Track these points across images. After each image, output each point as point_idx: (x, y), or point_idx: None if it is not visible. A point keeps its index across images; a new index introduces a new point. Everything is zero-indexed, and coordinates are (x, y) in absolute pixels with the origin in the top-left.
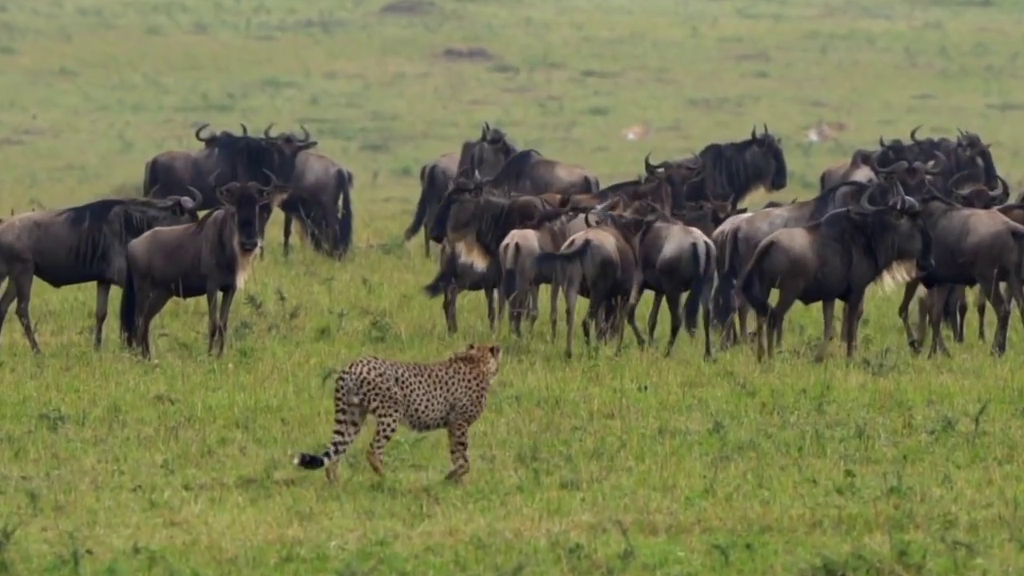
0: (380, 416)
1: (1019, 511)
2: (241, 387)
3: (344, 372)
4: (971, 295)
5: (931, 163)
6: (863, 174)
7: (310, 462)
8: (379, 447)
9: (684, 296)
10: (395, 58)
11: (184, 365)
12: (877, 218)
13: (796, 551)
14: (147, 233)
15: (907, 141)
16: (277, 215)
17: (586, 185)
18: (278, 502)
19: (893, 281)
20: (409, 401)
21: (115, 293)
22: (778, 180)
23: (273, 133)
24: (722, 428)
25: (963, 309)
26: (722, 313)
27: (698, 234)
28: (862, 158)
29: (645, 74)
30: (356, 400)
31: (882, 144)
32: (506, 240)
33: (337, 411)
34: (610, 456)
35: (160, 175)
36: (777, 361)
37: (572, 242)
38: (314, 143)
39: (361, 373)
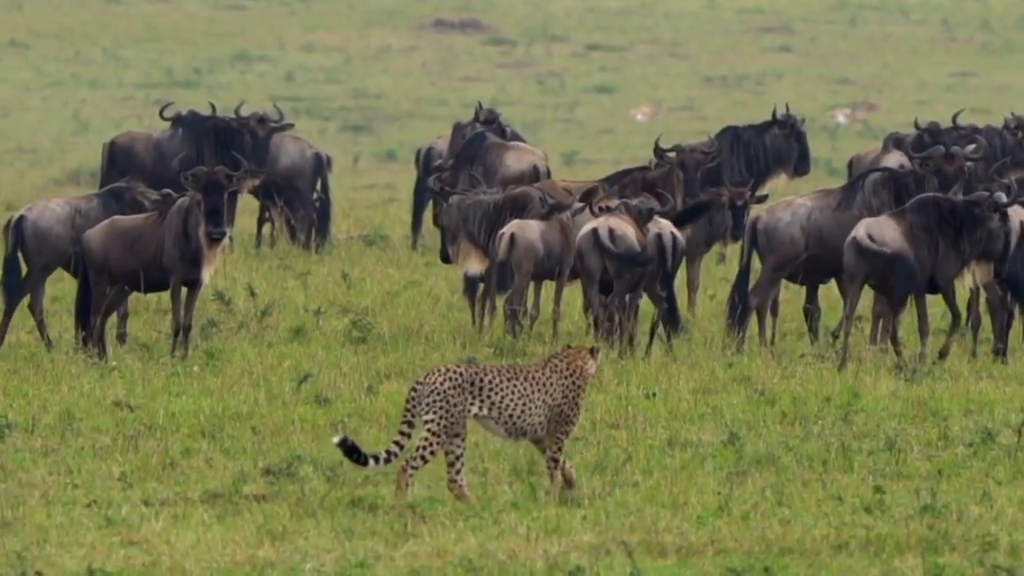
0: (428, 431)
1: None
2: (207, 392)
3: (419, 383)
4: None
5: (971, 148)
6: (895, 159)
7: (351, 450)
8: (414, 466)
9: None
10: (379, 30)
11: (145, 368)
12: (967, 209)
13: (819, 575)
14: (104, 222)
15: (945, 124)
16: (249, 203)
17: (535, 174)
18: (248, 519)
19: (971, 281)
20: (502, 407)
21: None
22: (801, 166)
23: (244, 112)
24: (738, 439)
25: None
26: (737, 312)
27: (665, 225)
28: (894, 142)
29: (656, 48)
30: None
31: (916, 127)
32: (503, 230)
33: (403, 422)
34: (615, 470)
35: (119, 158)
36: (799, 366)
37: (594, 231)
38: (290, 124)
39: (435, 383)
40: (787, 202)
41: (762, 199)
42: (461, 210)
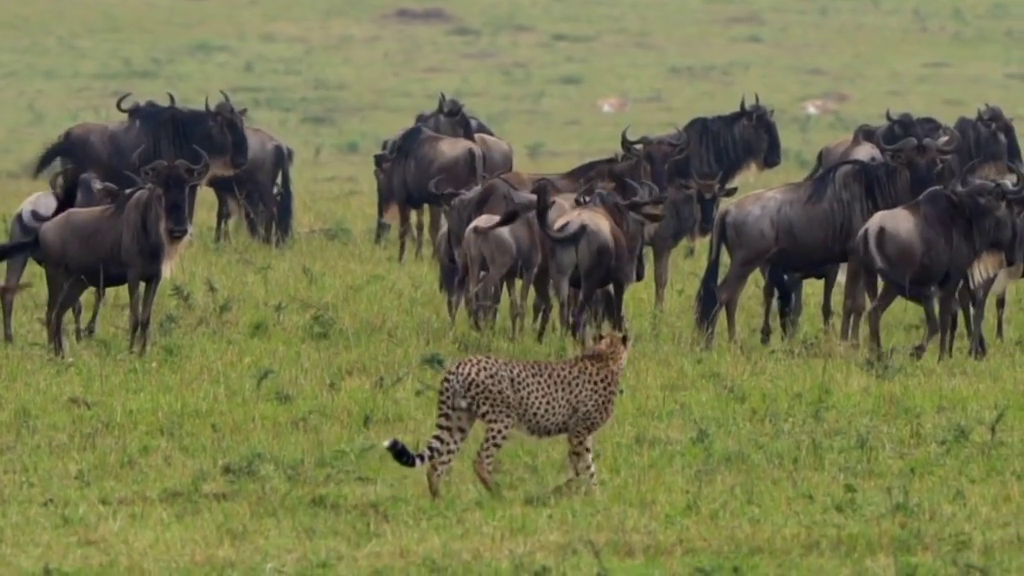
0: (490, 422)
1: None
2: (166, 389)
3: (450, 373)
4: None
5: (944, 140)
6: (865, 151)
7: (401, 453)
8: (488, 456)
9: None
10: (340, 19)
11: (102, 364)
12: (972, 199)
13: (790, 575)
14: (60, 216)
15: (917, 115)
16: (208, 196)
17: (470, 158)
18: (207, 518)
19: (980, 274)
20: (526, 404)
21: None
22: (771, 158)
23: (209, 102)
24: (707, 437)
25: (1000, 303)
26: (706, 307)
27: (589, 217)
28: (865, 134)
29: (623, 38)
30: (464, 404)
31: (888, 118)
32: (472, 225)
33: (440, 415)
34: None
35: (74, 150)
36: (770, 362)
37: (565, 226)
38: (242, 111)
39: (469, 375)
40: (756, 195)
41: (731, 192)
42: (460, 213)
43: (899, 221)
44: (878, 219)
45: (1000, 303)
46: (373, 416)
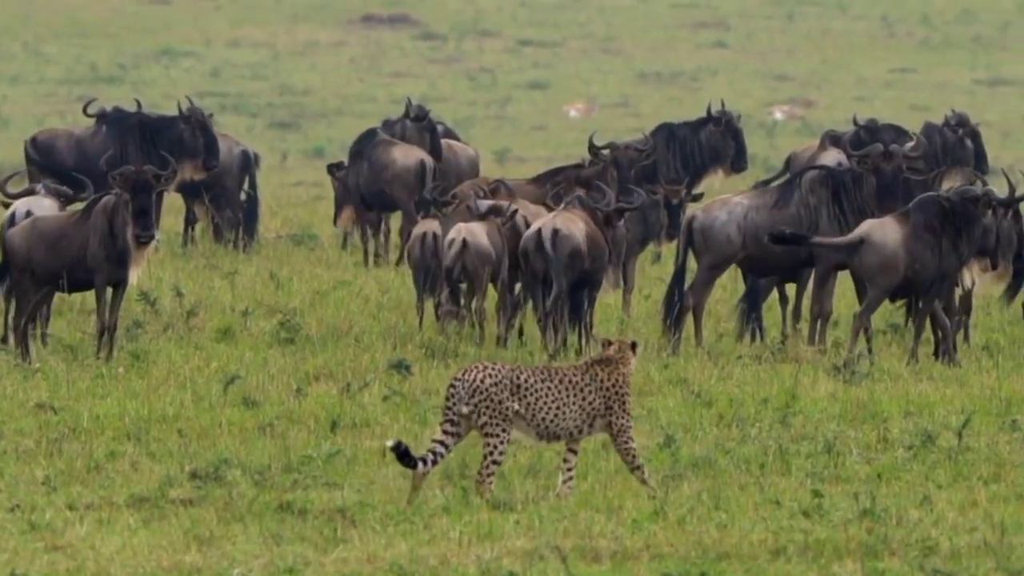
0: (487, 435)
1: (1006, 536)
2: (133, 394)
3: (456, 379)
4: None
5: (911, 146)
6: (832, 157)
7: (404, 455)
8: (489, 475)
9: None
10: (306, 25)
11: (69, 370)
12: (961, 207)
13: None
14: (26, 221)
15: (884, 120)
16: (175, 201)
17: (420, 170)
18: (174, 524)
19: (969, 279)
20: (535, 409)
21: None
22: (738, 163)
23: (174, 108)
24: (674, 442)
25: (968, 309)
26: (672, 312)
27: (548, 220)
28: (831, 139)
29: (589, 44)
30: (466, 411)
31: (855, 123)
32: (451, 234)
33: (444, 421)
34: (548, 474)
35: (40, 155)
36: (736, 367)
37: (539, 230)
38: (208, 115)
39: (475, 380)
40: (723, 200)
41: (698, 197)
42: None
43: (886, 229)
44: (865, 229)
45: (967, 309)
46: (340, 421)
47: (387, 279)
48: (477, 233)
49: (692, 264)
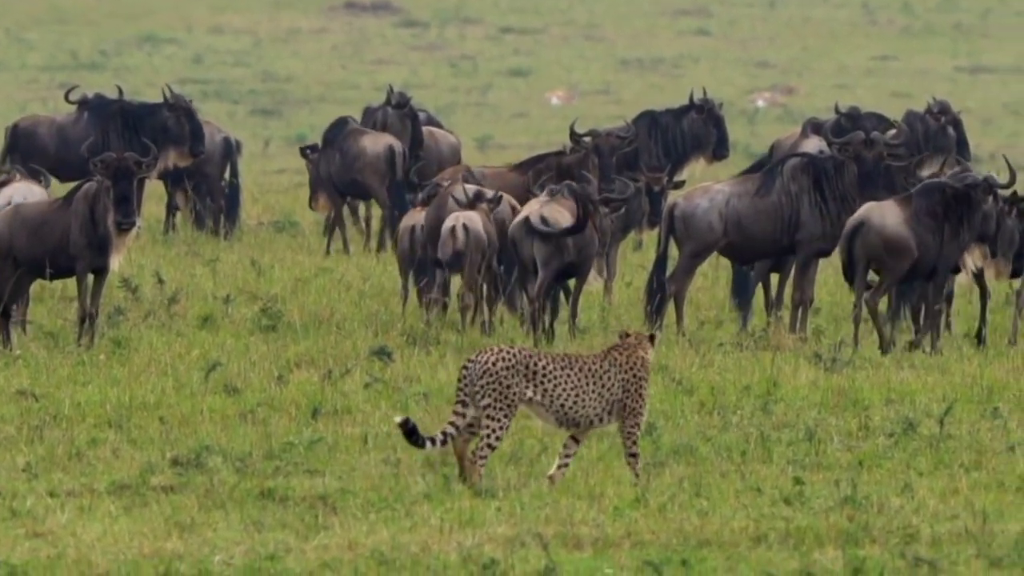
0: (488, 418)
1: (987, 524)
2: (114, 381)
3: (470, 360)
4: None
5: (891, 133)
6: (813, 144)
7: (411, 432)
8: (483, 457)
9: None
10: (289, 11)
11: (50, 357)
12: (963, 192)
13: (738, 568)
14: (8, 208)
15: (865, 108)
16: (157, 188)
17: (390, 155)
18: (155, 511)
19: (970, 265)
20: (553, 396)
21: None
22: (719, 151)
23: (157, 95)
24: (655, 430)
25: (949, 298)
26: (653, 299)
27: (533, 208)
28: (813, 127)
29: (571, 31)
30: (475, 392)
31: (837, 111)
32: (450, 221)
33: (457, 401)
34: (529, 461)
35: (21, 142)
36: (718, 355)
37: (526, 217)
38: (189, 101)
39: (486, 363)
40: (705, 188)
41: (679, 184)
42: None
43: (887, 213)
44: (865, 213)
45: (948, 298)
46: (321, 408)
47: (369, 266)
48: (474, 220)
49: (674, 252)
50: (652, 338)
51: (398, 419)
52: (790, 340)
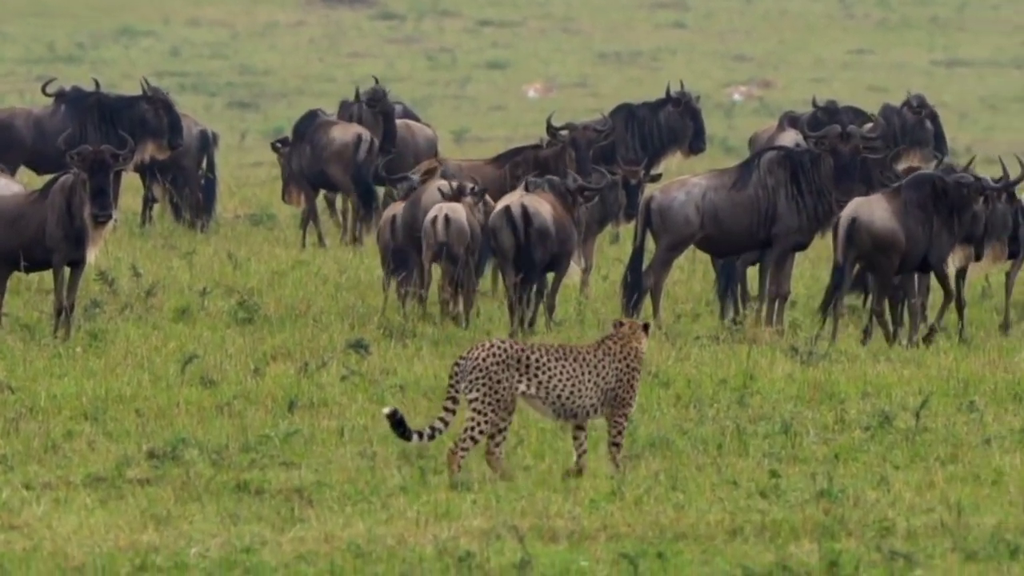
0: (474, 410)
1: (963, 517)
2: (90, 374)
3: (462, 357)
4: None
5: (868, 127)
6: (790, 138)
7: (399, 424)
8: (463, 447)
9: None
10: (265, 5)
11: (26, 349)
12: (954, 190)
13: (714, 561)
14: None
15: (842, 102)
16: (133, 181)
17: (358, 142)
18: (131, 504)
19: (952, 264)
20: (549, 388)
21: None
22: (696, 144)
23: (135, 88)
24: (631, 422)
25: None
26: (630, 293)
27: (516, 199)
28: (789, 120)
29: (548, 24)
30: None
31: (814, 105)
32: (433, 212)
33: (447, 397)
34: (506, 454)
35: None
36: (694, 348)
37: (507, 209)
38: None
39: (477, 358)
40: (681, 181)
41: (656, 178)
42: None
43: (875, 207)
44: (854, 205)
45: (924, 290)
46: (298, 401)
47: (345, 259)
48: (458, 212)
49: (651, 245)
50: (646, 327)
51: (386, 410)
52: (766, 333)
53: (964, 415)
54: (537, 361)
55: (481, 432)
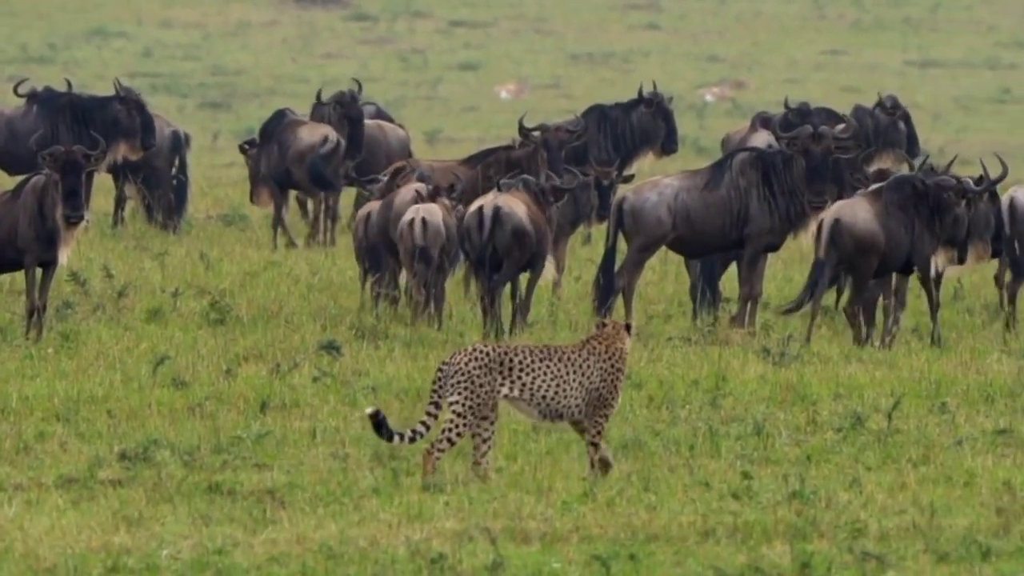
0: (454, 413)
1: (935, 519)
2: (62, 375)
3: (445, 363)
4: None
5: (840, 127)
6: (762, 139)
7: (380, 425)
8: (439, 448)
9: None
10: (238, 5)
11: None
12: (935, 192)
13: (686, 562)
14: None
15: (815, 103)
16: (105, 181)
17: (323, 143)
18: (103, 505)
19: (934, 267)
20: (533, 389)
21: None
22: (669, 145)
23: (107, 87)
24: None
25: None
26: (602, 294)
27: (490, 199)
28: (762, 121)
29: (521, 25)
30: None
31: (786, 106)
32: (409, 215)
33: (430, 402)
34: (474, 458)
35: None
36: (666, 349)
37: (480, 209)
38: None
39: (459, 363)
40: (653, 182)
41: (628, 178)
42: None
43: (857, 209)
44: (835, 208)
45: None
46: (270, 402)
47: (317, 260)
48: (435, 214)
49: (622, 246)
50: (628, 327)
51: (369, 410)
52: (738, 335)
53: (936, 417)
54: (521, 363)
55: (459, 435)
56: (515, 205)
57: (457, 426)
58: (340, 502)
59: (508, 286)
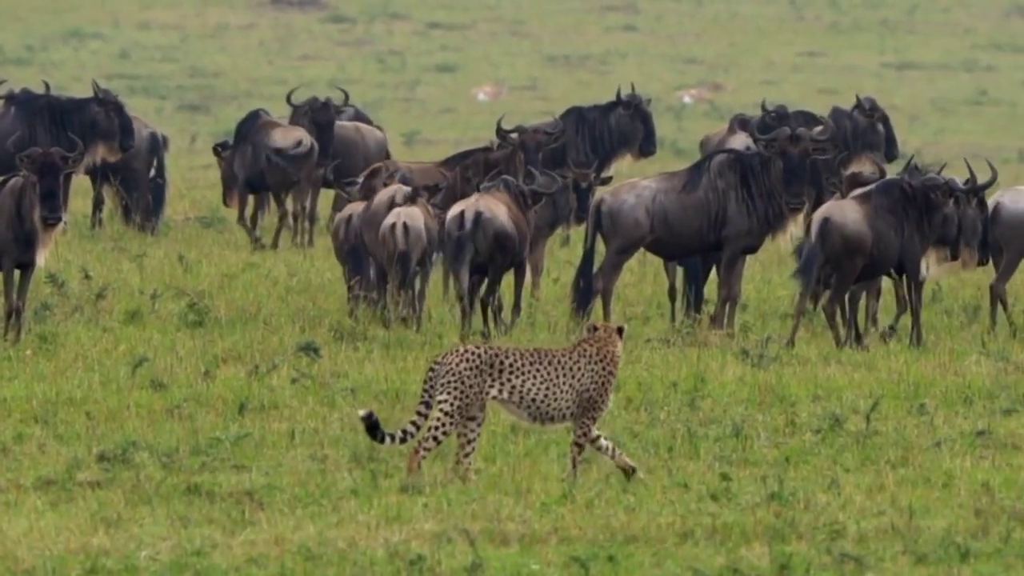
0: (441, 411)
1: (913, 520)
2: (40, 377)
3: (436, 362)
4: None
5: (818, 129)
6: (740, 141)
7: (373, 427)
8: (425, 447)
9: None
10: (216, 7)
11: None
12: (922, 193)
13: (665, 564)
14: None
15: (793, 105)
16: (83, 183)
17: (297, 146)
18: (82, 506)
19: (926, 268)
20: (523, 391)
21: None
22: (647, 147)
23: (83, 89)
24: None
25: (877, 294)
26: (581, 296)
27: (471, 202)
28: (739, 123)
29: (498, 27)
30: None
31: (764, 108)
32: (391, 219)
33: (420, 402)
34: (456, 457)
35: None
36: (645, 351)
37: (462, 214)
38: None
39: (450, 363)
40: (631, 184)
41: (607, 180)
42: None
43: (846, 211)
44: (824, 210)
45: (876, 294)
46: (248, 404)
47: (295, 262)
48: (416, 218)
49: (601, 248)
50: (621, 331)
51: (362, 412)
52: (717, 336)
53: (914, 418)
54: (511, 365)
55: (444, 434)
56: (496, 209)
57: (444, 425)
58: (319, 504)
59: (483, 288)
